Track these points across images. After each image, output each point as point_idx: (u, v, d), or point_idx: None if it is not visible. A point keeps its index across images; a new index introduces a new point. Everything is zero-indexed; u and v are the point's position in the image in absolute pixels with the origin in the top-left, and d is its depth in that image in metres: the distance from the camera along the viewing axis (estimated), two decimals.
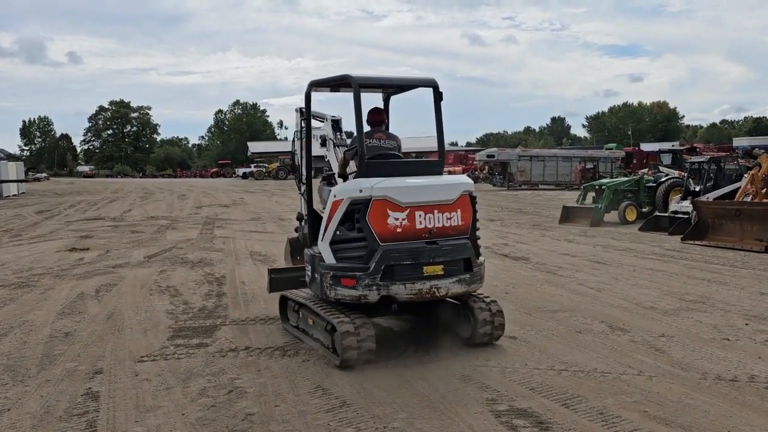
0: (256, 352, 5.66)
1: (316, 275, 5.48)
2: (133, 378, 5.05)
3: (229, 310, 7.30)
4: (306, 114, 6.14)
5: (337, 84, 5.88)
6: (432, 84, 5.68)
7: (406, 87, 6.20)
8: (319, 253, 5.42)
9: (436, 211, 5.24)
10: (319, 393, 4.64)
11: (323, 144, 6.89)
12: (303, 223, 6.70)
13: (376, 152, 5.76)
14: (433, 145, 6.06)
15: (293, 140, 7.72)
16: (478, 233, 5.63)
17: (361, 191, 5.13)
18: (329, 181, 6.29)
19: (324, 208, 5.63)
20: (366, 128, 5.76)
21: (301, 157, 6.73)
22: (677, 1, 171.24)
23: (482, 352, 5.50)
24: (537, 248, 12.16)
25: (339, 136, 6.77)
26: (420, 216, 5.18)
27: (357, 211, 5.17)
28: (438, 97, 5.67)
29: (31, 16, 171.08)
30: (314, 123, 7.13)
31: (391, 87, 6.25)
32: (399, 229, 5.12)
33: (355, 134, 5.65)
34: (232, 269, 10.04)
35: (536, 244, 12.89)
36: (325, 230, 5.35)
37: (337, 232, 5.27)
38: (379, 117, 6.14)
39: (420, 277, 5.14)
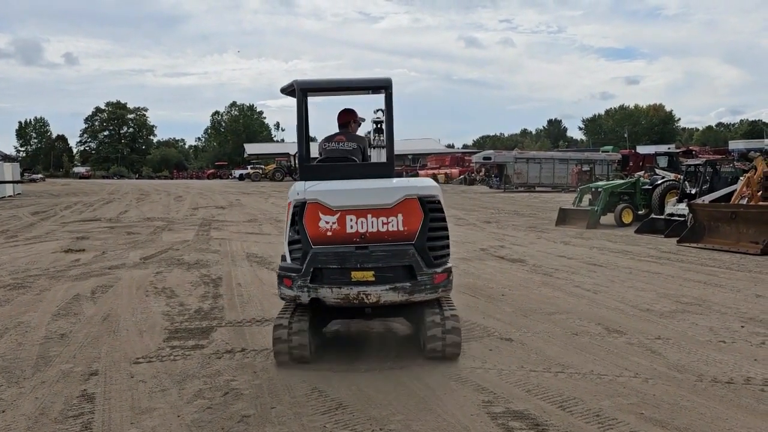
0: (252, 353, 5.65)
1: None
2: (128, 379, 5.04)
3: (225, 311, 7.29)
4: (299, 115, 6.04)
5: (292, 90, 5.70)
6: (385, 84, 5.48)
7: (358, 89, 5.98)
8: (284, 253, 5.50)
9: (369, 216, 5.10)
10: (315, 395, 4.63)
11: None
12: None
13: (333, 155, 5.75)
14: (429, 147, 6.03)
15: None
16: (443, 241, 5.35)
17: (298, 194, 5.17)
18: None
19: None
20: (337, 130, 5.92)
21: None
22: (673, 4, 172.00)
23: (478, 354, 5.50)
24: (533, 250, 12.17)
25: (379, 138, 6.62)
26: (351, 220, 5.09)
27: (297, 213, 5.19)
28: (389, 98, 5.48)
29: (28, 17, 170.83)
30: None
31: (342, 90, 6.05)
32: (329, 233, 5.08)
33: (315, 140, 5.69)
34: (229, 271, 10.03)
35: (533, 246, 12.91)
36: (286, 231, 5.41)
37: (290, 234, 5.30)
38: (345, 119, 6.07)
39: (348, 282, 5.04)
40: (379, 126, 6.37)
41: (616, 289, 8.38)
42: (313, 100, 6.15)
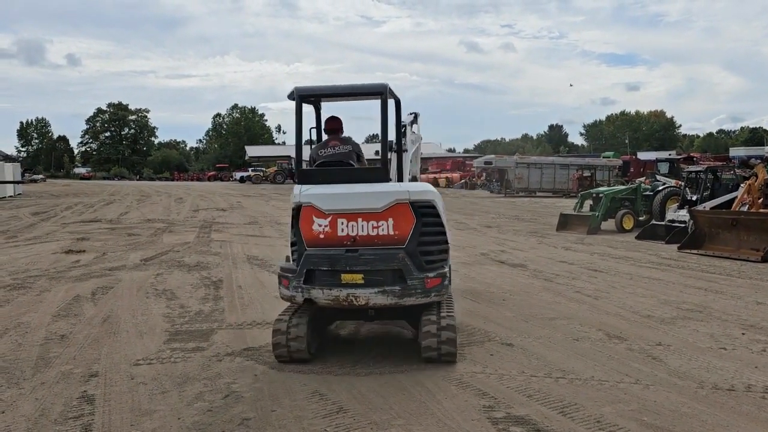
0: (252, 356, 5.64)
1: None
2: (128, 381, 5.03)
3: (226, 314, 7.29)
4: (296, 122, 5.94)
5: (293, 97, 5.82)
6: (380, 90, 5.49)
7: (355, 95, 5.99)
8: (288, 254, 5.69)
9: (360, 219, 5.18)
10: (316, 398, 4.62)
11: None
12: None
13: (329, 159, 5.80)
14: (430, 151, 6.07)
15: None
16: (439, 246, 5.41)
17: (294, 197, 5.36)
18: None
19: None
20: (325, 136, 6.05)
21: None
22: (675, 11, 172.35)
23: (479, 359, 5.49)
24: (534, 255, 12.17)
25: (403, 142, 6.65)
26: (342, 223, 5.19)
27: (294, 216, 5.39)
28: (384, 104, 5.51)
29: (30, 17, 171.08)
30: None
31: (338, 96, 6.08)
32: (322, 236, 5.21)
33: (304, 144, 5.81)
34: (229, 273, 10.02)
35: (533, 251, 12.90)
36: (290, 234, 5.60)
37: (291, 236, 5.55)
38: (334, 125, 6.10)
39: (338, 284, 5.14)
40: (403, 130, 6.49)
41: (616, 295, 8.37)
42: (325, 106, 6.25)
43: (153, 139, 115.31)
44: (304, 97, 5.66)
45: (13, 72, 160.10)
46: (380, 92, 5.52)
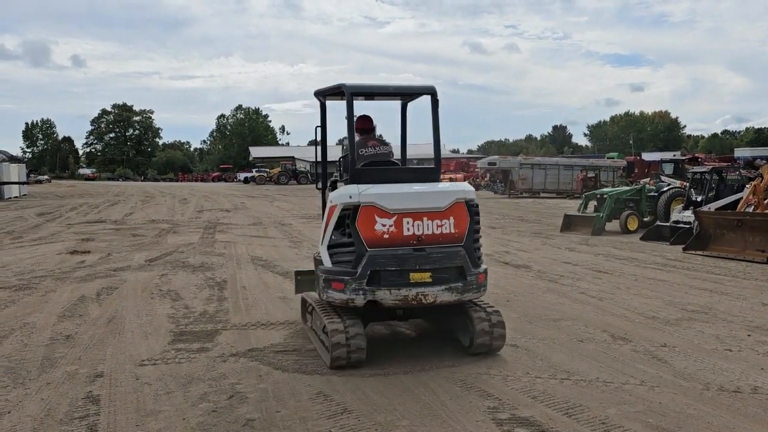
0: (257, 357, 5.65)
1: (317, 278, 5.64)
2: (133, 382, 5.04)
3: (230, 314, 7.29)
4: (321, 121, 6.15)
5: (334, 93, 5.89)
6: (430, 91, 5.70)
7: (403, 94, 6.17)
8: (320, 256, 5.54)
9: (425, 219, 5.23)
10: (320, 399, 4.62)
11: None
12: None
13: (373, 159, 5.82)
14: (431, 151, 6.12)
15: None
16: (480, 242, 5.63)
17: (350, 197, 5.20)
18: (335, 186, 6.28)
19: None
20: (359, 136, 5.98)
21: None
22: (679, 11, 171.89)
23: (483, 360, 5.49)
24: (538, 256, 12.15)
25: None
26: (408, 223, 5.19)
27: (348, 216, 5.23)
28: (435, 104, 5.67)
29: (35, 19, 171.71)
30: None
31: (388, 95, 6.20)
32: (386, 236, 5.15)
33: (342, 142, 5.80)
34: (233, 274, 10.04)
35: (537, 252, 12.88)
36: (324, 234, 5.47)
37: (333, 237, 5.37)
38: (370, 125, 6.16)
39: (406, 284, 5.14)
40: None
41: (621, 296, 8.35)
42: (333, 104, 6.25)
43: (157, 140, 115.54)
44: (355, 94, 5.63)
45: (18, 73, 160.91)
46: (431, 92, 5.69)
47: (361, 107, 6.09)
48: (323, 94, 6.07)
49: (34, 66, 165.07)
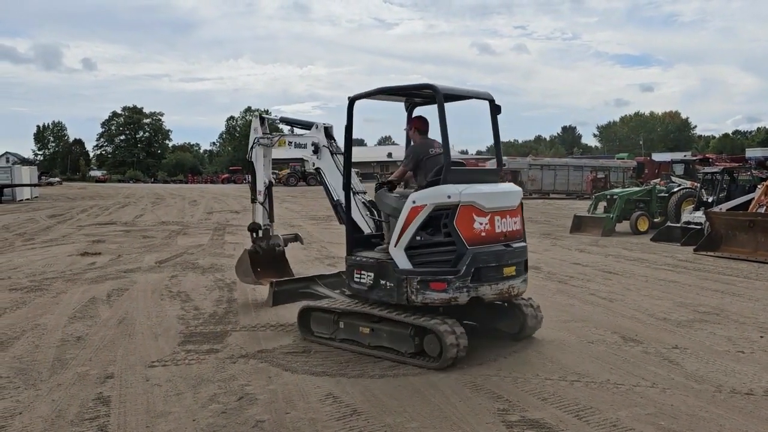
0: (266, 358, 5.65)
1: (384, 281, 5.55)
2: (144, 383, 5.06)
3: (240, 316, 7.31)
4: (348, 122, 6.08)
5: (407, 93, 6.16)
6: (489, 98, 5.98)
7: (466, 98, 6.23)
8: (390, 259, 5.51)
9: (508, 216, 5.58)
10: (329, 401, 4.62)
11: (315, 151, 6.98)
12: (259, 234, 7.88)
13: (437, 159, 5.89)
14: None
15: (251, 148, 8.37)
16: None
17: (449, 197, 5.28)
18: (389, 188, 6.20)
19: (389, 215, 5.84)
20: (418, 137, 6.17)
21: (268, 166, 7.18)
22: (689, 11, 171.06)
23: (493, 362, 5.47)
24: (548, 257, 12.10)
25: (333, 144, 6.84)
26: (498, 221, 5.48)
27: (444, 216, 5.31)
28: (495, 109, 5.93)
29: (47, 22, 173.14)
30: (299, 130, 7.25)
31: (457, 99, 6.23)
32: (483, 233, 5.36)
33: (410, 143, 6.26)
34: None
35: (547, 253, 12.83)
36: (400, 236, 5.45)
37: (417, 238, 5.40)
38: (426, 126, 6.28)
39: (501, 278, 5.45)
40: (328, 132, 7.12)
41: (632, 297, 8.30)
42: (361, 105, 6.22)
43: (167, 142, 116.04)
44: (446, 97, 5.65)
45: (30, 76, 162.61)
46: (490, 98, 5.97)
47: (363, 107, 6.15)
48: (396, 93, 6.14)
49: (46, 69, 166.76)
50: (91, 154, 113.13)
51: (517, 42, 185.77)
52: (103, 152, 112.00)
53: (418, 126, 6.21)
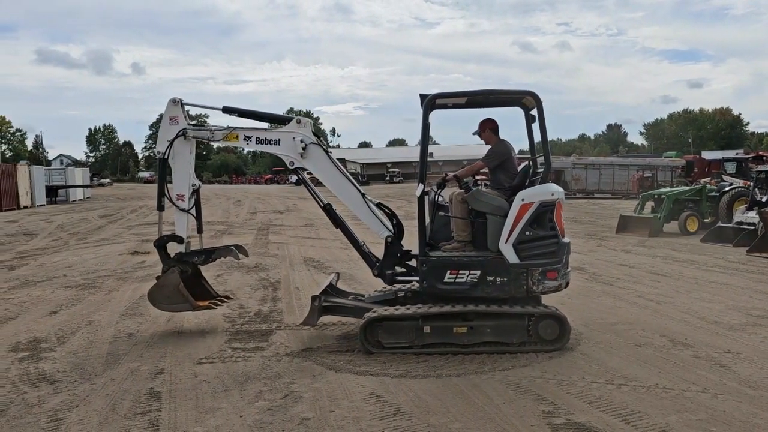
0: (310, 356, 5.73)
1: (494, 277, 5.80)
2: (192, 379, 5.19)
3: (284, 314, 7.42)
4: (423, 123, 5.98)
5: (510, 100, 6.46)
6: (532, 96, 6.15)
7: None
8: (500, 254, 5.80)
9: (562, 213, 6.05)
10: (373, 400, 4.65)
11: (304, 148, 6.53)
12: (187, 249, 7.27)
13: (515, 162, 6.37)
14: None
15: (171, 141, 7.25)
16: None
17: (552, 194, 5.85)
18: (484, 186, 6.55)
19: (489, 213, 5.97)
20: (494, 138, 6.39)
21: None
22: (741, 4, 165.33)
23: (538, 364, 5.41)
24: (593, 258, 11.88)
25: (322, 140, 6.78)
26: (563, 216, 6.05)
27: (549, 212, 5.84)
28: (539, 109, 6.03)
29: (99, 28, 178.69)
30: (259, 123, 7.09)
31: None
32: (563, 226, 5.99)
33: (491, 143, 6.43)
34: (287, 274, 10.19)
35: (592, 254, 12.60)
36: (510, 232, 5.79)
37: (527, 233, 5.81)
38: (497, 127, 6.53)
39: (569, 267, 6.07)
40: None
41: (681, 299, 8.09)
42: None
43: (212, 143, 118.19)
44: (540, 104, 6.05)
45: (82, 81, 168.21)
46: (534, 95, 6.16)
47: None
48: (501, 95, 6.30)
49: (98, 74, 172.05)
50: (140, 156, 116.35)
51: (561, 39, 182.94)
52: (151, 154, 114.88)
53: (493, 127, 6.44)
